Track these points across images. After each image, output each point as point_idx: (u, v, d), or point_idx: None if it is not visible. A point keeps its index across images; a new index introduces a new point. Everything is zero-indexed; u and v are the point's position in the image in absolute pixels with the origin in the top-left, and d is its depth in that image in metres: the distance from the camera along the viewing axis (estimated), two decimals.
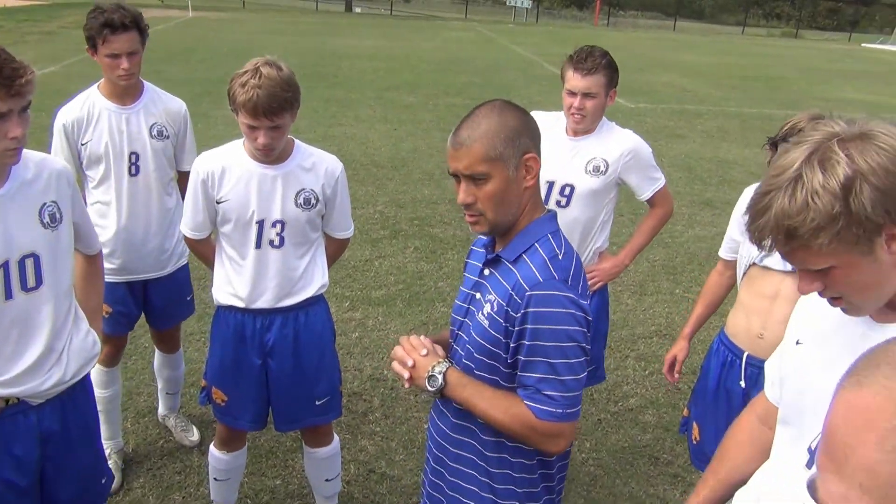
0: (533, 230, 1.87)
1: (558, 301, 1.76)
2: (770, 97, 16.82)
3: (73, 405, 2.36)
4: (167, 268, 3.53)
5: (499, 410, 1.83)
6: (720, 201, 8.50)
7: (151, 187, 3.38)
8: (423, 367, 1.90)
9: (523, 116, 1.86)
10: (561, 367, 1.76)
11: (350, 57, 19.41)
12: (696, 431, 3.00)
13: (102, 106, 3.26)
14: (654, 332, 5.38)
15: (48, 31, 21.35)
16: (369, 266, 6.26)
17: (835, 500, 0.69)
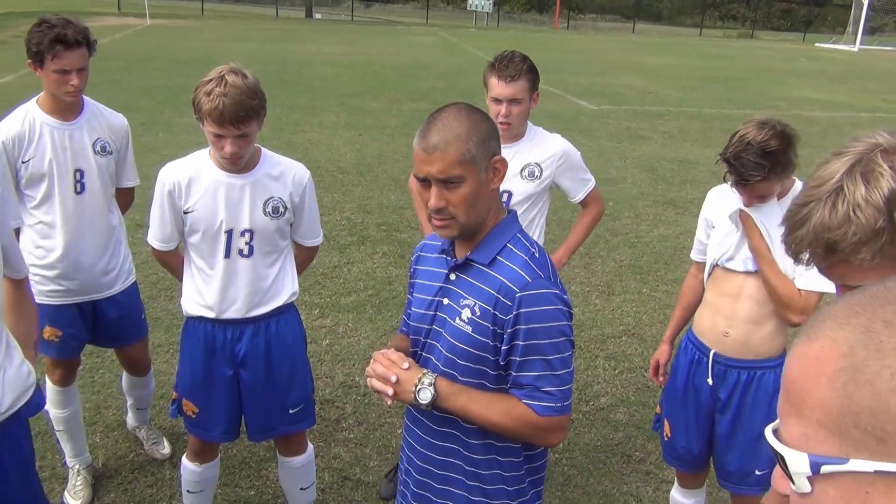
0: (501, 231, 1.90)
1: (548, 299, 1.80)
2: (729, 97, 17.10)
3: (7, 440, 2.21)
4: (115, 286, 3.43)
5: (497, 413, 1.84)
6: (683, 200, 8.62)
7: (97, 204, 3.29)
8: (408, 381, 1.86)
9: (488, 119, 1.87)
10: (556, 361, 1.81)
11: (312, 63, 19.33)
12: (667, 428, 3.05)
13: (43, 121, 3.14)
14: (623, 332, 5.44)
15: (1, 41, 20.95)
16: (338, 272, 6.24)
17: (796, 437, 0.78)
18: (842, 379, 0.74)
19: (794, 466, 0.78)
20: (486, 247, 1.88)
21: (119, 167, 3.38)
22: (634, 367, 4.94)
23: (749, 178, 2.50)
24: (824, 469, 0.75)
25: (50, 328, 3.33)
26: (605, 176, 9.50)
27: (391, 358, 1.90)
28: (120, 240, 3.43)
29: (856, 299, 0.79)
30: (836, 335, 0.76)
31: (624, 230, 7.57)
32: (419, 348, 2.02)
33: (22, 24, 25.85)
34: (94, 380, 4.46)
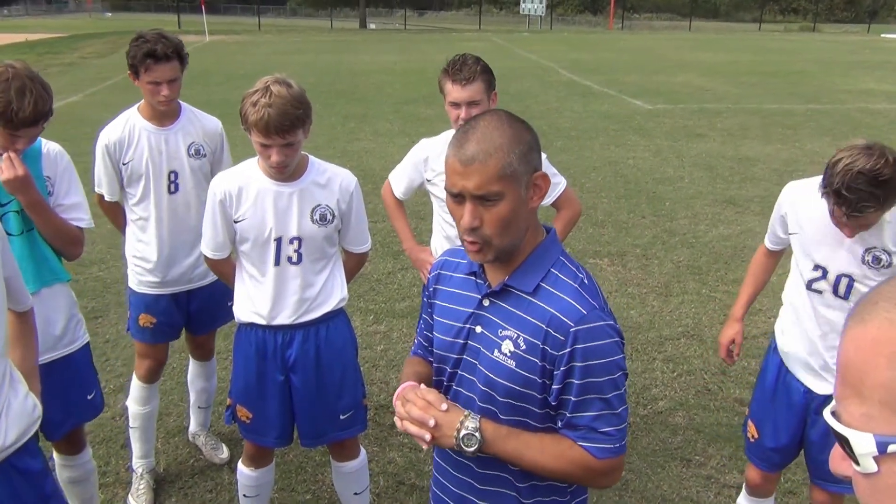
0: (543, 255, 1.72)
1: (604, 332, 1.63)
2: (790, 92, 16.67)
3: (18, 474, 2.14)
4: (207, 277, 3.60)
5: (551, 458, 1.67)
6: (743, 199, 8.42)
7: (190, 204, 3.47)
8: (449, 425, 1.66)
9: (531, 129, 1.68)
10: (614, 399, 1.65)
11: (366, 73, 19.54)
12: (752, 429, 2.98)
13: (142, 127, 3.37)
14: (682, 334, 5.33)
15: (69, 63, 21.74)
16: (392, 279, 6.27)
17: (858, 418, 0.79)
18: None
19: (859, 447, 0.78)
20: (528, 272, 1.70)
21: (215, 167, 3.53)
22: (694, 370, 4.83)
23: (863, 210, 2.33)
24: (891, 448, 0.76)
25: (145, 315, 3.56)
26: (662, 175, 9.35)
27: (428, 399, 1.70)
28: None
29: None
30: (891, 315, 0.77)
31: (681, 230, 7.43)
32: (445, 378, 1.85)
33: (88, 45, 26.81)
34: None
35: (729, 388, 4.62)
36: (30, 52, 23.89)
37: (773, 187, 8.81)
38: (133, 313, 3.61)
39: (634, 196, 8.52)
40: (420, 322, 2.04)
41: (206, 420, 4.06)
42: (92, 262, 6.36)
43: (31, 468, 2.17)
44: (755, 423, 2.97)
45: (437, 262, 1.96)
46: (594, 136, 11.43)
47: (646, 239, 7.16)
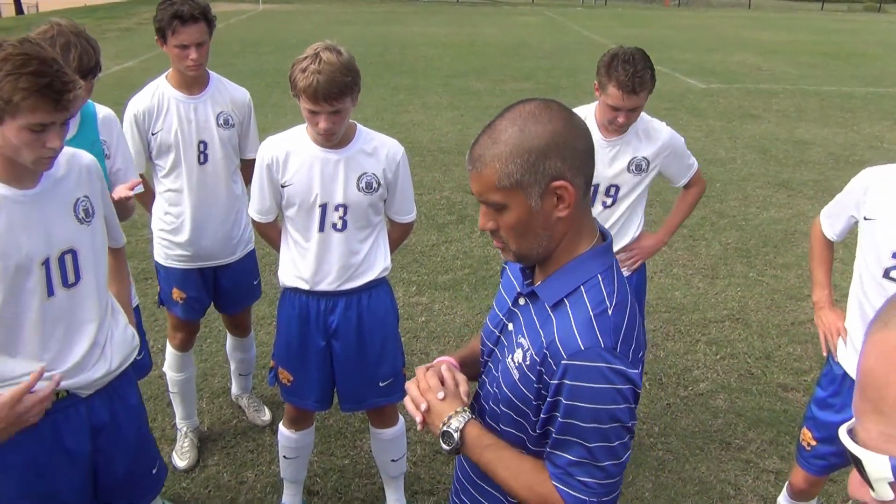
0: (577, 268, 1.53)
1: (601, 375, 1.43)
2: (851, 74, 16.17)
3: (119, 397, 2.37)
4: (236, 253, 3.61)
5: (521, 486, 1.55)
6: (797, 182, 8.23)
7: (219, 175, 3.44)
8: (438, 415, 1.61)
9: (558, 129, 1.46)
10: (599, 451, 1.46)
11: (417, 45, 19.48)
12: (808, 437, 2.82)
13: (171, 96, 3.32)
14: (727, 317, 5.26)
15: (126, 28, 22.07)
16: (436, 251, 6.29)
17: (875, 438, 0.69)
18: None
19: (874, 471, 0.69)
20: (556, 283, 1.54)
21: (242, 139, 3.52)
22: (737, 353, 4.77)
23: None
24: None
25: (177, 290, 3.58)
26: (714, 156, 9.18)
27: (429, 382, 1.65)
28: (241, 209, 3.56)
29: None
30: None
31: (731, 212, 7.30)
32: (483, 368, 1.78)
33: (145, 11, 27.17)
34: (202, 349, 4.67)
35: (772, 373, 4.55)
36: (89, 16, 24.31)
37: (829, 171, 8.61)
38: (164, 286, 3.61)
39: None
40: None
41: (247, 385, 4.14)
42: (143, 224, 6.49)
43: (128, 392, 2.43)
44: (812, 432, 2.80)
45: None
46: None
47: (694, 220, 7.05)
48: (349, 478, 3.63)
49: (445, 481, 3.61)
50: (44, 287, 2.11)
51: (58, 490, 2.24)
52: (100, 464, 2.34)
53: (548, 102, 1.50)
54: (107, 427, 2.32)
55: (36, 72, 1.88)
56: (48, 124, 1.94)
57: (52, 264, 2.12)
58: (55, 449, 2.22)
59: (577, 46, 19.74)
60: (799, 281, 5.77)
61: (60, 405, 2.20)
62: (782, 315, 5.30)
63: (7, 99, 1.87)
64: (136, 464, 2.45)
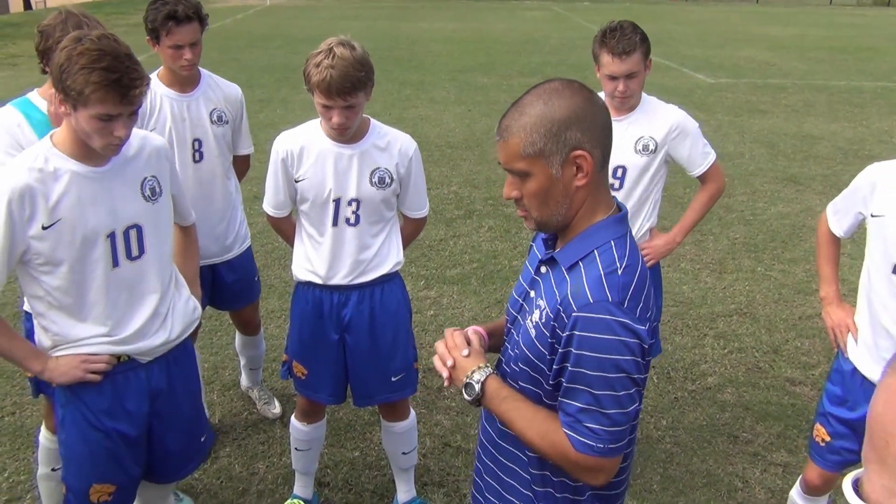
0: (594, 234, 1.66)
1: (607, 326, 1.55)
2: (860, 69, 16.11)
3: (177, 365, 2.54)
4: (233, 250, 3.60)
5: (536, 434, 1.68)
6: (805, 177, 8.22)
7: (215, 172, 3.43)
8: (462, 370, 1.76)
9: (579, 103, 1.60)
10: (606, 399, 1.58)
11: (424, 40, 19.48)
12: (822, 433, 2.80)
13: (163, 94, 3.30)
14: (734, 311, 5.27)
15: (135, 24, 22.08)
16: (444, 245, 6.32)
17: (879, 492, 0.65)
18: None
19: None
20: (573, 248, 1.67)
21: (234, 135, 3.52)
22: (745, 348, 4.79)
23: None
24: None
25: None
26: (722, 151, 9.14)
27: (455, 340, 1.80)
28: (236, 206, 3.58)
29: None
30: None
31: (739, 207, 7.30)
32: (507, 335, 1.90)
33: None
34: (212, 342, 4.72)
35: (780, 368, 4.57)
36: (97, 11, 24.28)
37: (837, 166, 8.60)
38: None
39: None
40: None
41: (257, 377, 4.16)
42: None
43: (187, 361, 2.61)
44: (826, 428, 2.78)
45: None
46: None
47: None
48: (360, 469, 3.67)
49: (455, 473, 3.65)
50: (109, 258, 2.28)
51: (119, 447, 2.42)
52: (154, 426, 2.51)
53: (570, 81, 1.66)
54: (164, 392, 2.49)
55: (108, 67, 2.04)
56: (115, 115, 2.09)
57: (118, 237, 2.28)
58: (116, 409, 2.39)
59: (584, 42, 19.69)
60: (807, 276, 5.78)
61: (121, 368, 2.38)
62: (790, 309, 5.31)
63: (80, 90, 2.04)
64: (188, 430, 2.62)
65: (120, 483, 2.47)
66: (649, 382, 4.33)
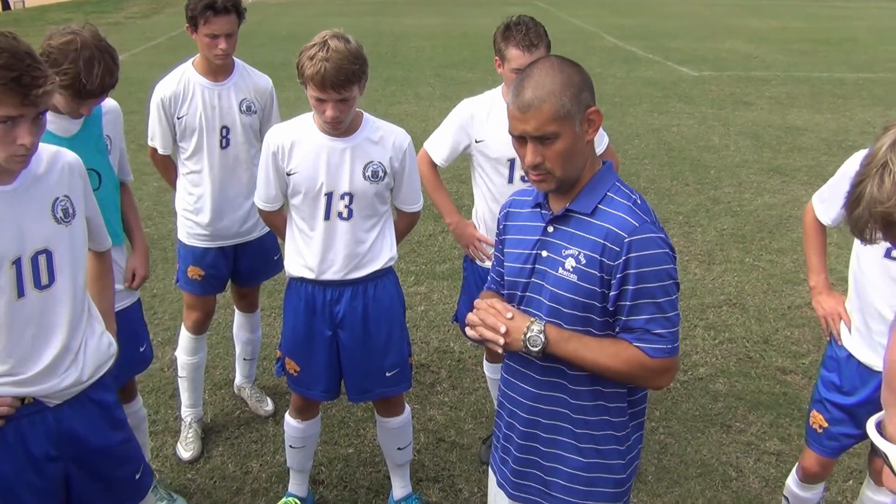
0: (600, 181, 1.93)
1: (655, 243, 1.83)
2: (842, 60, 16.21)
3: (96, 404, 2.29)
4: (254, 232, 3.67)
5: (608, 357, 1.87)
6: (790, 168, 8.27)
7: (240, 159, 3.53)
8: (517, 329, 1.90)
9: (581, 70, 1.89)
10: (666, 304, 1.84)
11: (408, 36, 19.43)
12: (820, 419, 2.81)
13: (197, 82, 3.42)
14: (724, 302, 5.30)
15: (115, 23, 21.94)
16: (433, 241, 6.31)
17: None
18: None
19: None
20: (587, 196, 1.91)
21: (264, 124, 3.57)
22: (735, 338, 4.81)
23: None
24: None
25: (193, 268, 3.64)
26: (707, 143, 9.22)
27: (497, 308, 1.93)
28: None
29: None
30: None
31: (726, 198, 7.34)
32: (516, 302, 2.03)
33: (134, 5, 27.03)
34: None
35: (771, 357, 4.59)
36: (77, 10, 24.14)
37: (821, 157, 8.66)
38: (182, 265, 3.69)
39: (678, 164, 8.42)
40: (493, 261, 2.23)
41: (251, 372, 4.14)
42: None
43: (105, 400, 2.34)
44: (823, 414, 2.79)
45: (506, 203, 2.14)
46: (637, 102, 11.26)
47: (689, 207, 7.09)
48: (354, 466, 3.66)
49: (450, 468, 3.64)
50: (14, 287, 2.03)
51: (18, 497, 2.15)
52: (71, 472, 2.25)
53: (556, 56, 1.94)
54: (77, 435, 2.23)
55: (5, 65, 1.82)
56: (16, 117, 1.88)
57: (25, 264, 2.04)
58: (20, 457, 2.13)
59: (567, 36, 19.71)
60: (795, 265, 5.81)
61: (26, 411, 2.13)
62: (779, 299, 5.34)
63: None
64: (114, 470, 2.36)
65: None
66: None
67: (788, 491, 3.07)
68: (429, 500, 3.46)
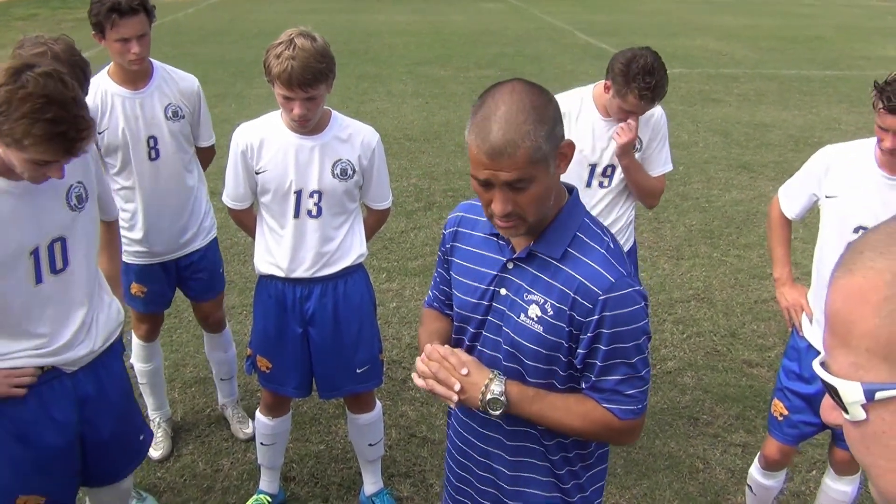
0: (568, 218, 1.72)
1: (631, 299, 1.66)
2: (809, 58, 16.44)
3: (104, 368, 2.45)
4: (195, 243, 3.53)
5: (575, 418, 1.73)
6: (758, 164, 8.38)
7: (173, 168, 3.35)
8: (474, 388, 1.71)
9: (551, 99, 1.65)
10: (639, 363, 1.70)
11: (381, 33, 19.38)
12: (780, 407, 2.87)
13: (115, 92, 3.20)
14: (692, 297, 5.37)
15: (82, 18, 21.56)
16: (405, 237, 6.32)
17: (846, 368, 0.79)
18: (888, 307, 0.75)
19: (848, 396, 0.79)
20: (554, 237, 1.70)
21: (194, 128, 3.45)
22: (703, 332, 4.88)
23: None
24: (879, 395, 0.77)
25: (137, 285, 3.50)
26: (676, 140, 9.29)
27: (452, 362, 1.74)
28: (199, 199, 3.51)
29: (893, 227, 0.80)
30: (876, 264, 0.78)
31: (694, 194, 7.42)
32: (467, 338, 1.87)
33: None
34: (172, 339, 4.66)
35: (737, 350, 4.67)
36: (44, 6, 23.77)
37: (788, 153, 8.78)
38: (124, 281, 3.45)
39: None
40: (435, 275, 2.05)
41: (231, 390, 3.96)
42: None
43: (114, 367, 2.52)
44: (784, 402, 2.86)
45: (453, 219, 1.96)
46: None
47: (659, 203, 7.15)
48: (325, 463, 3.67)
49: (421, 464, 3.66)
50: (31, 275, 2.14)
51: (45, 457, 2.31)
52: (86, 432, 2.42)
53: (521, 81, 1.65)
54: (92, 399, 2.40)
55: (53, 119, 1.84)
56: (52, 162, 1.95)
57: (42, 252, 2.14)
58: (41, 419, 2.29)
59: (540, 33, 19.79)
60: (761, 260, 5.91)
61: (45, 377, 2.28)
62: (746, 294, 5.43)
63: (17, 139, 1.84)
64: (122, 431, 2.54)
65: (50, 494, 2.36)
66: None
67: (751, 479, 3.14)
68: (400, 495, 3.48)
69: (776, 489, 3.13)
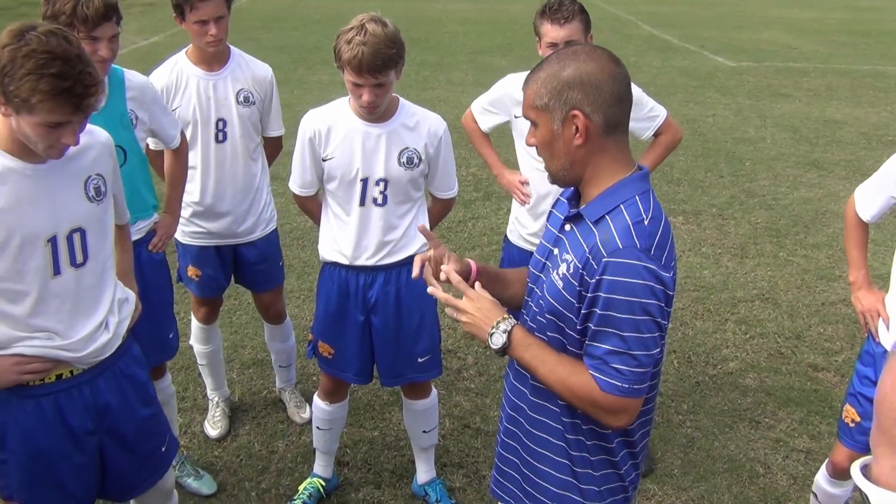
0: (619, 190, 1.74)
1: (636, 271, 1.63)
2: (883, 53, 15.87)
3: (125, 376, 2.35)
4: (255, 232, 3.53)
5: (557, 378, 1.76)
6: (828, 162, 8.12)
7: (238, 153, 3.37)
8: (487, 320, 1.82)
9: (590, 69, 1.69)
10: (633, 340, 1.66)
11: (441, 21, 19.34)
12: (853, 413, 2.77)
13: (190, 72, 3.26)
14: (756, 296, 5.23)
15: (150, 3, 22.05)
16: (462, 227, 6.30)
17: (889, 474, 0.66)
18: None
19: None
20: (598, 204, 1.75)
21: (264, 117, 3.46)
22: (767, 333, 4.75)
23: None
24: None
25: (192, 267, 3.55)
26: (743, 135, 9.08)
27: (471, 295, 1.87)
28: (261, 188, 3.52)
29: None
30: None
31: (761, 191, 7.23)
32: (528, 295, 1.97)
33: None
34: (231, 321, 4.72)
35: (803, 353, 4.53)
36: None
37: (861, 151, 8.49)
38: (181, 263, 3.58)
39: (713, 155, 8.30)
40: None
41: (290, 376, 3.99)
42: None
43: (137, 375, 2.42)
44: (856, 408, 2.75)
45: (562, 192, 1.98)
46: (672, 92, 11.11)
47: (723, 199, 7.00)
48: (378, 449, 3.67)
49: (475, 455, 3.64)
50: (49, 265, 2.07)
51: (55, 468, 2.22)
52: (105, 444, 2.32)
53: (594, 48, 1.77)
54: (112, 408, 2.29)
55: (58, 74, 1.82)
56: (64, 123, 1.91)
57: (60, 242, 2.08)
58: (59, 431, 2.19)
59: (601, 23, 19.50)
60: (830, 261, 5.72)
61: (63, 385, 2.19)
62: (813, 295, 5.27)
63: (25, 98, 1.82)
64: (143, 443, 2.42)
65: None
66: (669, 367, 4.31)
67: (817, 487, 3.04)
68: (452, 485, 3.47)
69: (843, 498, 3.02)
